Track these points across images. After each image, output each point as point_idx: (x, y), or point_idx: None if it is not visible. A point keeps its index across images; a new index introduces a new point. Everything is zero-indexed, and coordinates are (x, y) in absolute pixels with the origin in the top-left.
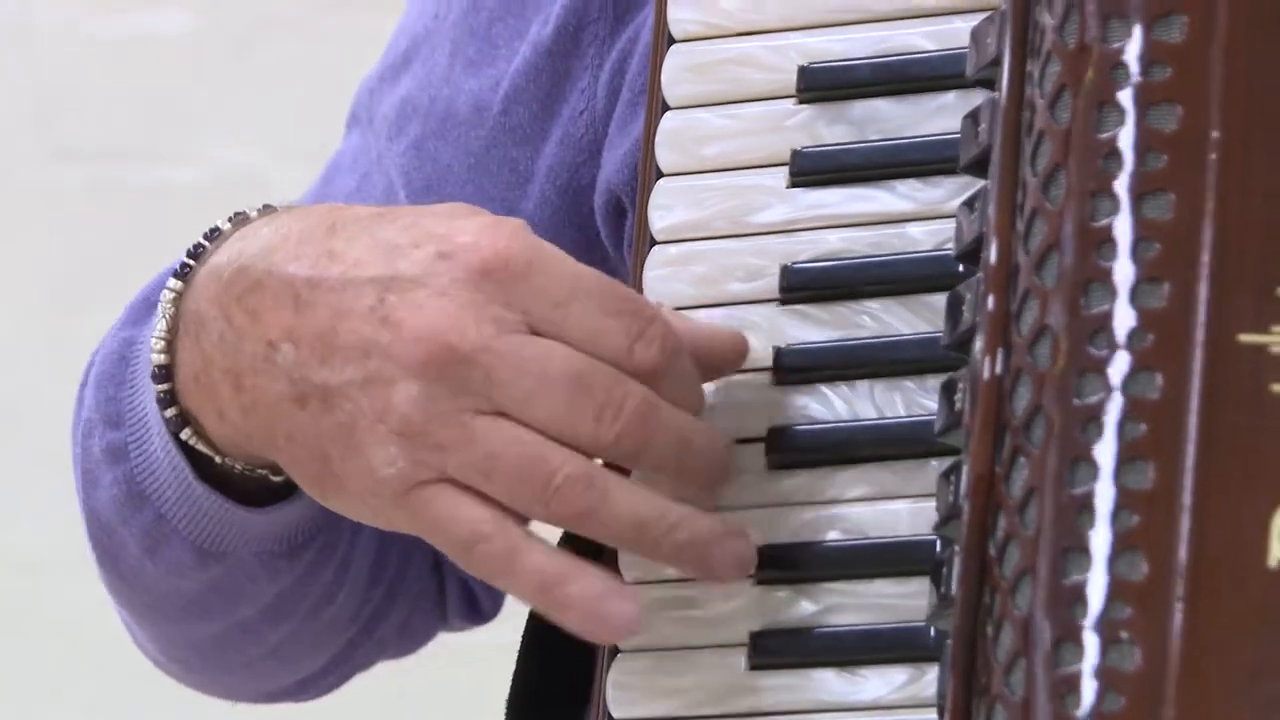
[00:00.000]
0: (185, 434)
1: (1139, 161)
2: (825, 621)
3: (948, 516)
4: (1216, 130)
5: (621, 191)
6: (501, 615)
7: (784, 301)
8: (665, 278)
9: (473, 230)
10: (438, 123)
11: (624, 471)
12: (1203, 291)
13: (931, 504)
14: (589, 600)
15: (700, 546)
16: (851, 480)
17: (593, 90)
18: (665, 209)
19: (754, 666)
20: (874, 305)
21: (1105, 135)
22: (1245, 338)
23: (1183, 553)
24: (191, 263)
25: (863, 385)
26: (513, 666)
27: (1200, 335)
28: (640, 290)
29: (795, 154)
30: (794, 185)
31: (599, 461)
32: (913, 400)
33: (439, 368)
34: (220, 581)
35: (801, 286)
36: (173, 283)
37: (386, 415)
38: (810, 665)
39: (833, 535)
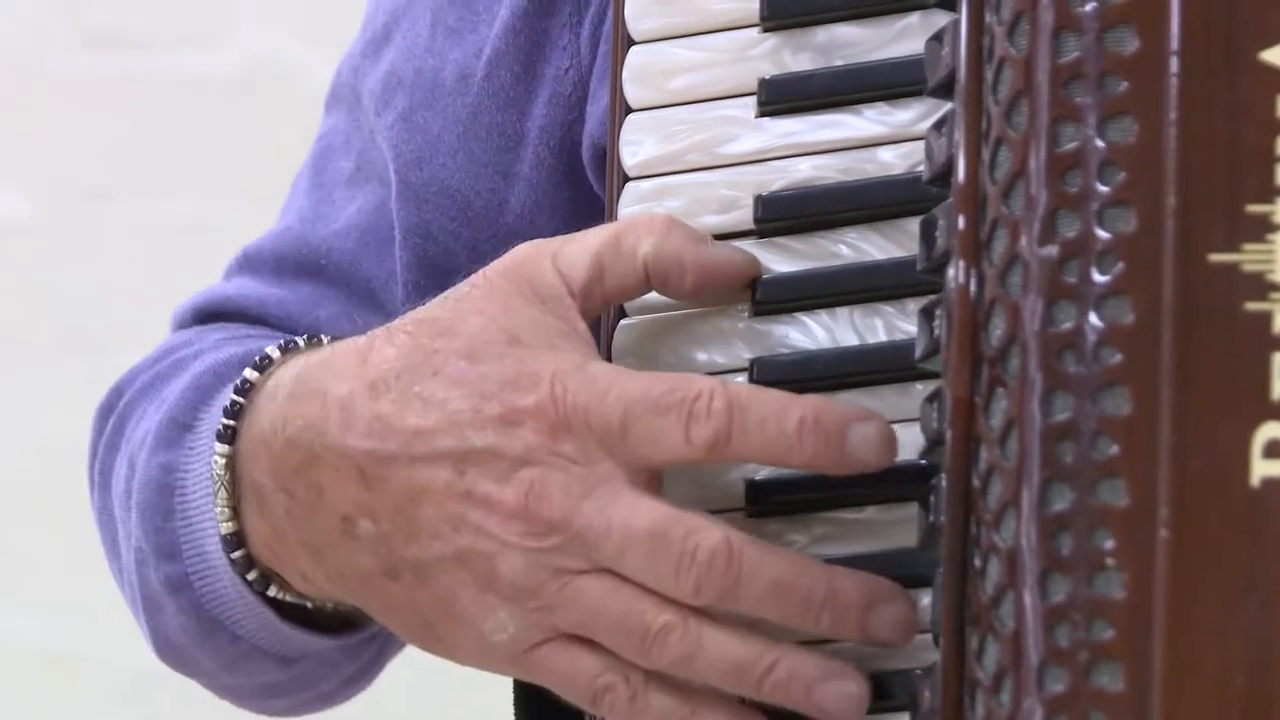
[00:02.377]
0: (272, 591)
1: (1099, 86)
2: (817, 551)
3: (933, 442)
4: (1175, 51)
5: (604, 140)
6: None
7: (760, 233)
8: (640, 214)
9: (531, 388)
10: (424, 94)
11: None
12: (1170, 213)
13: (918, 428)
14: None
15: (800, 685)
16: None
17: (575, 47)
18: (635, 144)
19: None
20: (849, 232)
21: (1064, 61)
22: (1216, 257)
23: (1164, 477)
24: (233, 424)
25: (842, 312)
26: None
27: (1170, 257)
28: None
29: (763, 83)
30: (763, 114)
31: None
32: (893, 325)
33: (538, 538)
34: (304, 673)
35: (776, 216)
36: (220, 447)
37: (493, 585)
38: None
39: None
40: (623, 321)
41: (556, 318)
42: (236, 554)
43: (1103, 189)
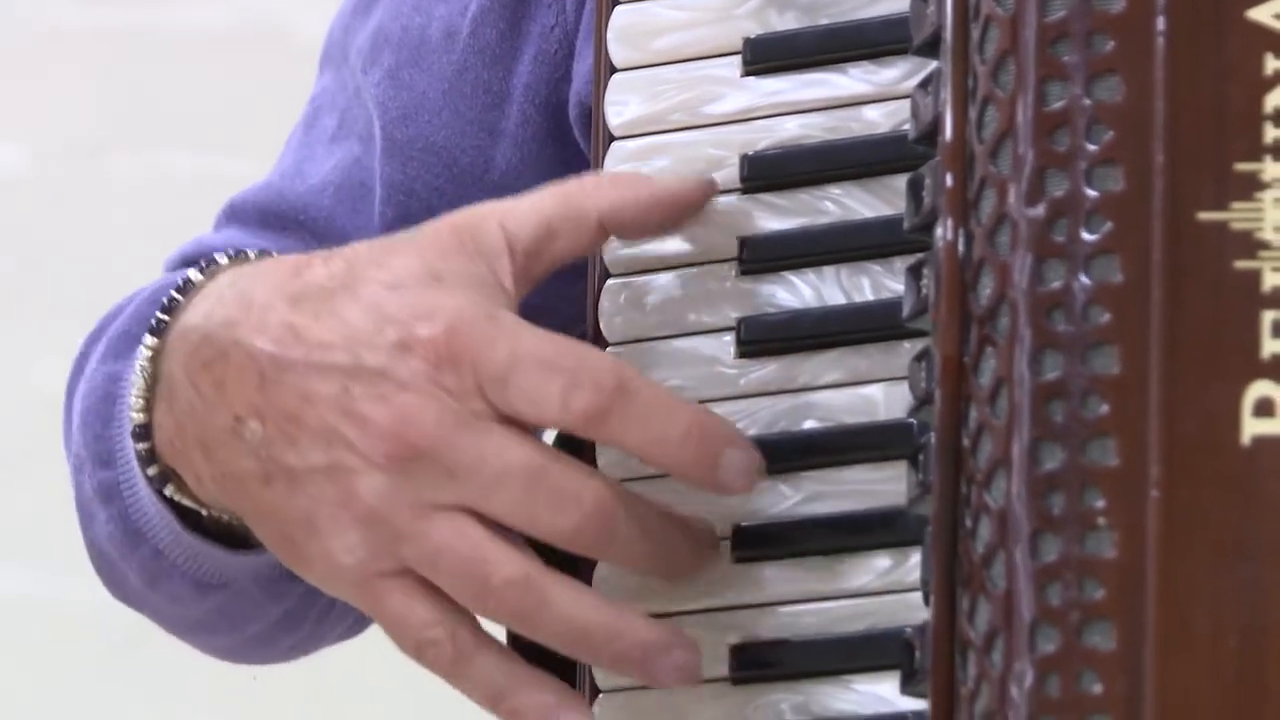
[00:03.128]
0: (168, 491)
1: (1086, 44)
2: (806, 511)
3: (922, 401)
4: (1162, 9)
5: (591, 99)
6: None
7: (745, 191)
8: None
9: (431, 319)
10: (410, 51)
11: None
12: (1159, 172)
13: (905, 386)
14: (541, 712)
15: (641, 657)
16: (824, 366)
17: (561, 4)
18: (621, 104)
19: (739, 560)
20: (836, 190)
21: (1051, 19)
22: (1205, 215)
23: (1154, 436)
24: (166, 318)
25: (829, 271)
26: None
27: (1159, 216)
28: None
29: (747, 42)
30: (748, 74)
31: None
32: (880, 283)
33: (402, 462)
34: (224, 607)
35: (762, 175)
36: (149, 340)
37: (350, 504)
38: (795, 555)
39: (808, 423)
40: (609, 282)
41: (487, 270)
42: (141, 446)
43: (1091, 148)
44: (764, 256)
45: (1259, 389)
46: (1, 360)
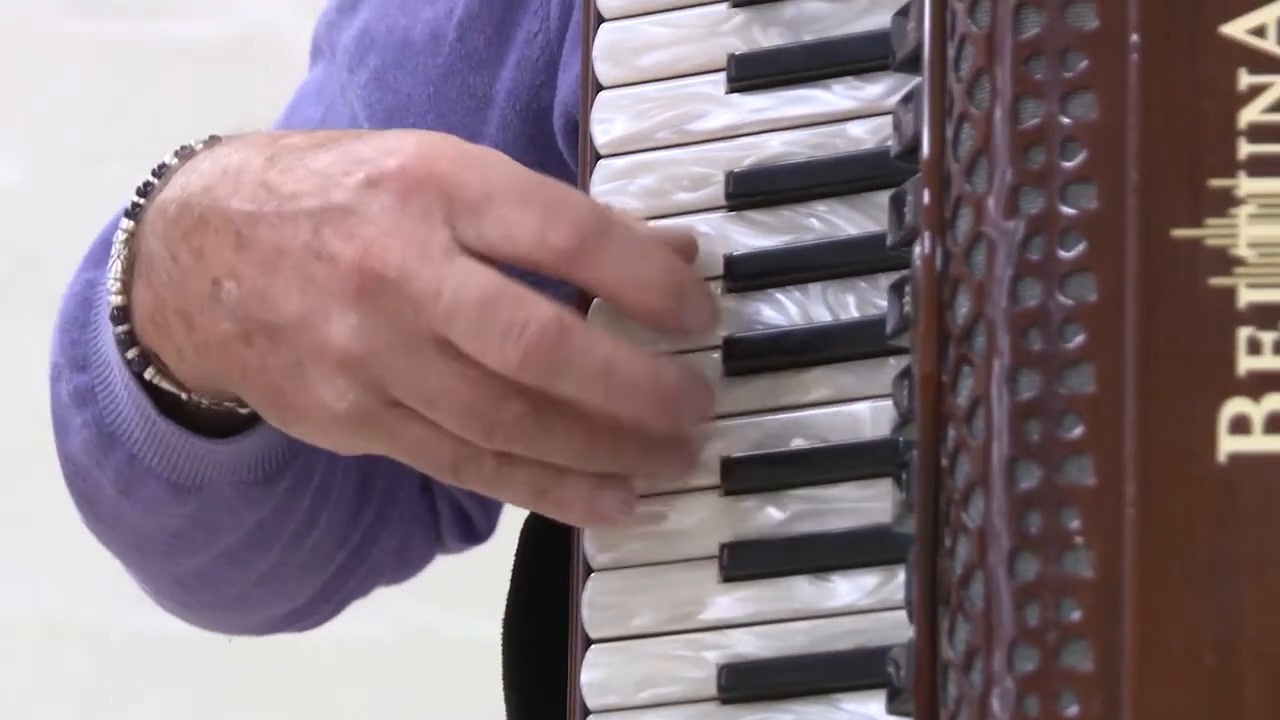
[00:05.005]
0: (149, 374)
1: (1060, 61)
2: (794, 529)
3: (905, 419)
4: (1135, 26)
5: (577, 111)
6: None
7: (731, 208)
8: (612, 191)
9: (399, 153)
10: (396, 53)
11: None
12: (1133, 189)
13: (891, 403)
14: (584, 497)
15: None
16: (810, 384)
17: (545, 11)
18: (607, 122)
19: (727, 579)
20: (821, 207)
21: (1025, 37)
22: (1179, 232)
23: (1130, 455)
24: (141, 201)
25: (815, 288)
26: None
27: (1133, 233)
28: None
29: (732, 59)
30: (733, 90)
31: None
32: (866, 300)
33: (372, 297)
34: (198, 515)
35: (747, 192)
36: (125, 222)
37: (327, 348)
38: (782, 574)
39: (796, 441)
40: (596, 300)
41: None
42: (120, 329)
43: (1066, 165)
44: (750, 274)
45: (1234, 406)
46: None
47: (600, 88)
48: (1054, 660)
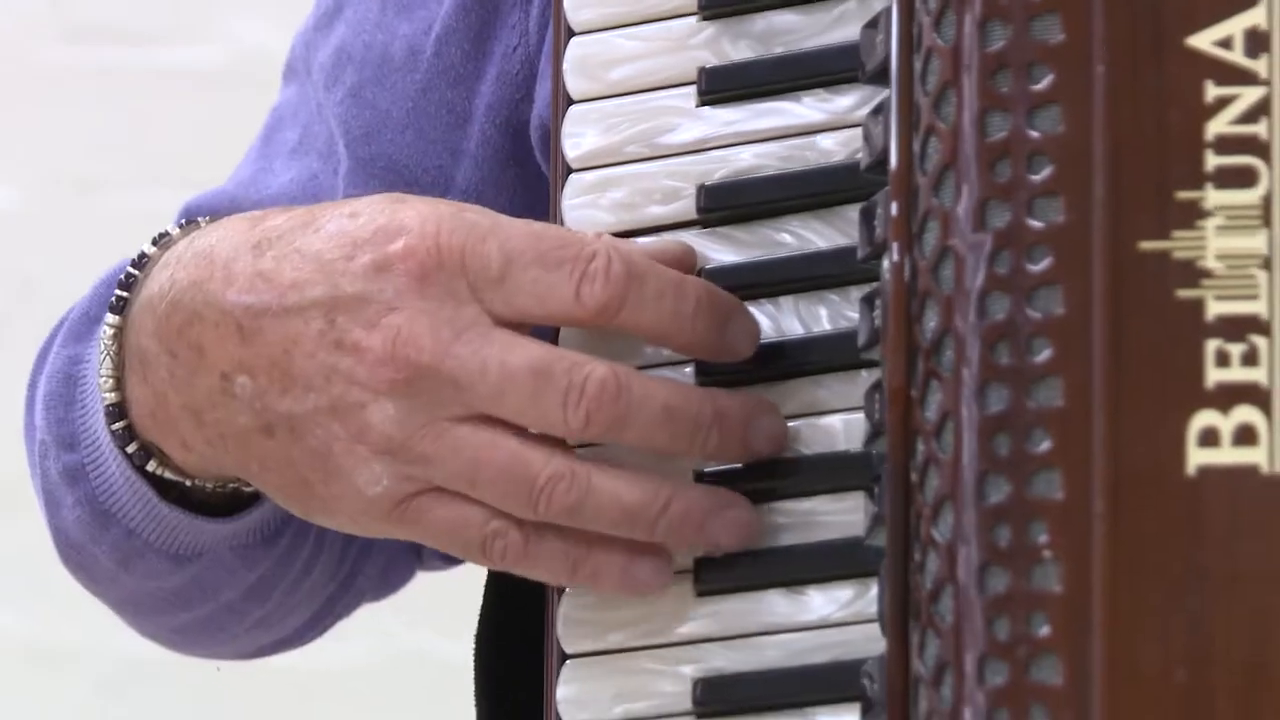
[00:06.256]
0: (151, 466)
1: (1026, 75)
2: (768, 542)
3: (876, 432)
4: (1101, 39)
5: (551, 131)
6: None
7: (703, 223)
8: (583, 205)
9: (401, 233)
10: (373, 69)
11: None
12: (1100, 202)
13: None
14: (619, 565)
15: (695, 520)
16: (783, 397)
17: (524, 26)
18: (578, 136)
19: (701, 593)
20: (793, 221)
21: (991, 50)
22: (1147, 245)
23: (1099, 468)
24: (125, 294)
25: (787, 301)
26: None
27: (1101, 246)
28: (560, 221)
29: (702, 72)
30: (703, 104)
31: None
32: (837, 313)
33: (407, 384)
34: (199, 577)
35: (719, 205)
36: (110, 318)
37: (364, 436)
38: (757, 588)
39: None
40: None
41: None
42: (117, 425)
43: (1032, 179)
44: (721, 286)
45: (1203, 419)
46: None
47: (571, 101)
48: (1024, 675)
